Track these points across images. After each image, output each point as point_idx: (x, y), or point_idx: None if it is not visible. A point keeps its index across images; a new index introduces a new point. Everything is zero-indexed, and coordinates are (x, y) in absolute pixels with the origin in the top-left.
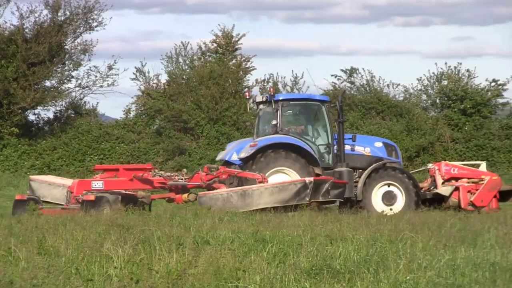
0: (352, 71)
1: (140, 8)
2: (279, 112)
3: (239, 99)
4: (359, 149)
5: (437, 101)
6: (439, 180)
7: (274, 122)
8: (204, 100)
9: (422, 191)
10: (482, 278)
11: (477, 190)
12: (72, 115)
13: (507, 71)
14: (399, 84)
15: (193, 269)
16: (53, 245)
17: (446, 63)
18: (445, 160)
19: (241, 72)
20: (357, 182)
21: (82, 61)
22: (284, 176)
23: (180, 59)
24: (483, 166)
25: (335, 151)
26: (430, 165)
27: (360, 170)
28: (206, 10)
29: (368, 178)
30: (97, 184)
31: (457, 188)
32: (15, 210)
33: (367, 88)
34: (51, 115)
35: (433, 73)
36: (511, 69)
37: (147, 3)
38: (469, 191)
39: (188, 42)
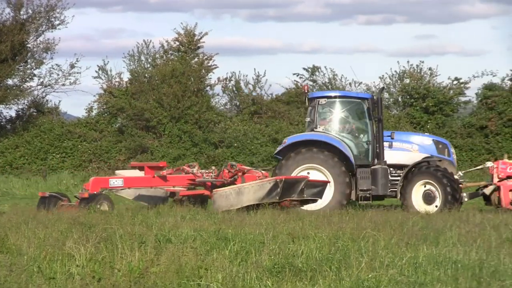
0: (314, 70)
1: (103, 6)
2: (315, 109)
3: (201, 97)
4: (406, 146)
5: (399, 99)
6: (495, 179)
7: (308, 119)
8: (166, 99)
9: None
10: (444, 276)
11: None
12: (34, 113)
13: (470, 70)
14: (361, 83)
15: (155, 267)
16: (15, 243)
17: (408, 62)
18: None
19: (203, 71)
20: (396, 180)
21: (44, 60)
22: (317, 174)
23: (143, 58)
24: None
25: (381, 148)
26: (489, 164)
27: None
28: (169, 9)
29: (406, 176)
30: (116, 181)
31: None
32: (39, 206)
33: (329, 87)
34: (13, 114)
35: (395, 71)
36: (474, 68)
37: (110, 1)
38: (511, 190)
39: (151, 41)
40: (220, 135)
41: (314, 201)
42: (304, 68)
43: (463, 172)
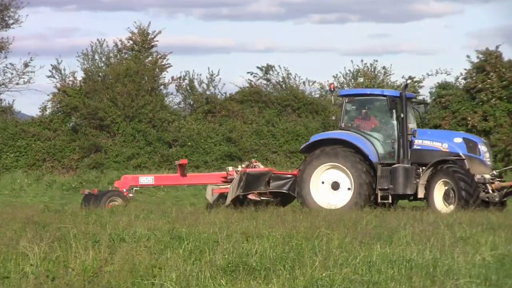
0: (268, 68)
1: (57, 5)
2: (342, 107)
3: (155, 96)
4: (436, 144)
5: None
6: None
7: (333, 117)
8: (120, 98)
9: None
10: (398, 275)
11: None
12: None
13: (423, 68)
14: (315, 81)
15: (109, 266)
16: None
17: (362, 60)
18: None
19: (157, 70)
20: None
21: None
22: (339, 173)
23: (96, 57)
24: None
25: (404, 146)
26: None
27: None
28: (122, 8)
29: (428, 175)
30: (146, 179)
31: None
32: (82, 203)
33: (283, 86)
34: None
35: (349, 70)
36: (428, 66)
37: (63, 0)
38: None
39: (104, 39)
40: (174, 134)
41: (287, 195)
42: (258, 67)
43: (497, 171)
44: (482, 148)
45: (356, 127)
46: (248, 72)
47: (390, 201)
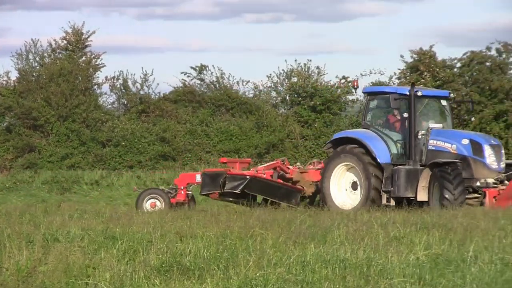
0: (201, 68)
1: None
2: (365, 105)
3: (89, 96)
4: (447, 145)
5: (287, 98)
6: None
7: (355, 116)
8: (54, 97)
9: None
10: (332, 274)
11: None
12: None
13: (358, 68)
14: (248, 81)
15: (43, 266)
16: None
17: (296, 60)
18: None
19: (91, 69)
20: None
21: None
22: (355, 173)
23: (30, 56)
24: None
25: (410, 147)
26: None
27: None
28: (57, 7)
29: (429, 177)
30: None
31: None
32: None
33: (217, 85)
34: None
35: (283, 70)
36: (362, 66)
37: None
38: (494, 197)
39: (38, 39)
40: (107, 134)
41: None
42: (191, 67)
43: (504, 175)
44: (487, 151)
45: (378, 125)
46: (182, 72)
47: (393, 203)
